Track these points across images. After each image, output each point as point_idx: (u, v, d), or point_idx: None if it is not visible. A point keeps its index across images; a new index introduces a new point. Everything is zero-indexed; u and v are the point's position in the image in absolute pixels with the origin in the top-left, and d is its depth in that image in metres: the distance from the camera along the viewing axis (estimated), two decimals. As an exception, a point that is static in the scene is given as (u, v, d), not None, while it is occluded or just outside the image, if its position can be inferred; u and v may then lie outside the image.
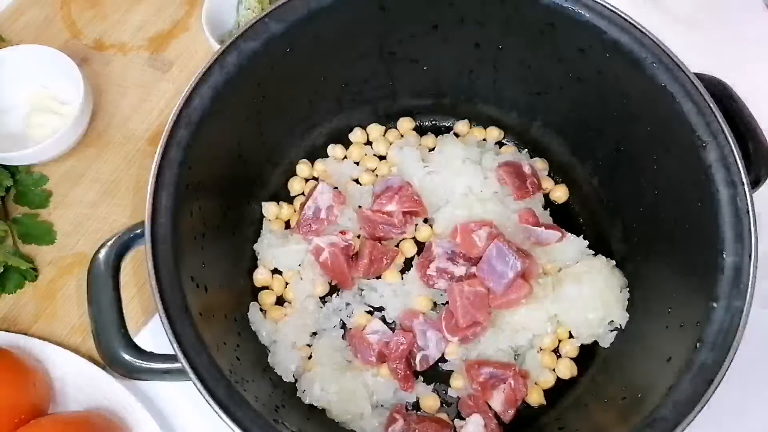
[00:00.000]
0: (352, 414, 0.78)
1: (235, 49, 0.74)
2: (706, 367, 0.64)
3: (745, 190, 0.67)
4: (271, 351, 0.81)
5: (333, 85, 0.88)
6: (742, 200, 0.67)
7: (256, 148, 0.85)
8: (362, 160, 0.93)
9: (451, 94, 0.93)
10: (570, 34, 0.77)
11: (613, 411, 0.72)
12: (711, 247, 0.67)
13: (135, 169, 0.95)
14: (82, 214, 0.92)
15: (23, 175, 0.93)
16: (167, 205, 0.68)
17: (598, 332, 0.82)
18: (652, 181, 0.78)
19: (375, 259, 0.84)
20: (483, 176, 0.88)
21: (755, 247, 0.66)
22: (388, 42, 0.84)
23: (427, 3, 0.80)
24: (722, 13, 1.05)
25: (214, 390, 0.63)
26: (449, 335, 0.81)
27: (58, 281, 0.89)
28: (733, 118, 0.71)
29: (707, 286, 0.67)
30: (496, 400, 0.78)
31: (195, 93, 0.72)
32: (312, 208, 0.85)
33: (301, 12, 0.76)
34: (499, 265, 0.79)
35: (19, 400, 0.74)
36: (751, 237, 0.66)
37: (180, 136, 0.70)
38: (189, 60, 1.02)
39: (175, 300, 0.65)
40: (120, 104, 0.99)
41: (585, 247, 0.86)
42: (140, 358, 0.66)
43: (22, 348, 0.81)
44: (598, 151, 0.86)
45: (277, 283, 0.86)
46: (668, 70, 0.71)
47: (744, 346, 0.64)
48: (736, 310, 0.65)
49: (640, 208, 0.81)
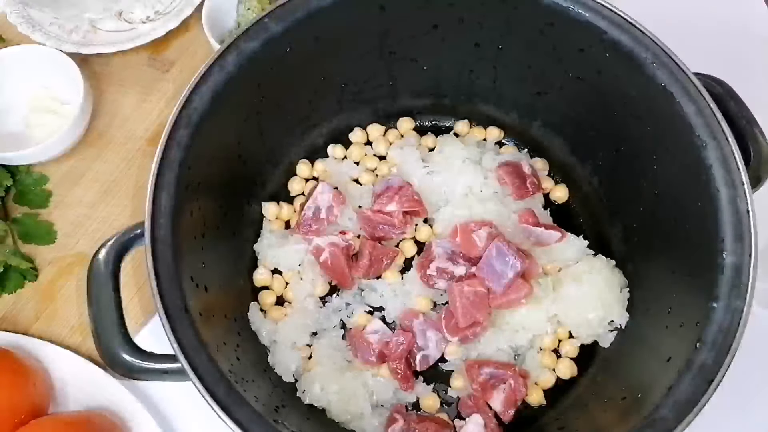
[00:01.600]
0: (352, 414, 0.78)
1: (235, 49, 0.74)
2: (706, 367, 0.64)
3: (745, 190, 0.67)
4: (271, 351, 0.81)
5: (333, 85, 0.88)
6: (742, 200, 0.67)
7: (256, 148, 0.85)
8: (362, 160, 0.93)
9: (451, 94, 0.93)
10: (570, 34, 0.77)
11: (613, 411, 0.72)
12: (711, 247, 0.67)
13: (135, 169, 0.95)
14: (82, 214, 0.92)
15: (23, 175, 0.93)
16: (167, 206, 0.68)
17: (598, 332, 0.82)
18: (652, 181, 0.78)
19: (375, 260, 0.84)
20: (483, 176, 0.88)
21: (755, 247, 0.66)
22: (388, 42, 0.84)
23: (427, 3, 0.80)
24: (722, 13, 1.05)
25: (214, 390, 0.63)
26: (449, 335, 0.81)
27: (58, 281, 0.89)
28: (733, 118, 0.71)
29: (707, 286, 0.67)
30: (496, 400, 0.78)
31: (195, 93, 0.72)
32: (312, 208, 0.85)
33: (301, 12, 0.76)
34: (499, 265, 0.79)
35: (19, 401, 0.74)
36: (751, 237, 0.66)
37: (180, 136, 0.70)
38: (189, 60, 1.02)
39: (175, 300, 0.65)
40: (120, 104, 0.99)
41: (585, 247, 0.86)
42: (140, 358, 0.66)
43: (22, 348, 0.81)
44: (598, 151, 0.87)
45: (277, 283, 0.86)
46: (668, 70, 0.71)
47: (744, 346, 0.64)
48: (736, 310, 0.65)
49: (640, 208, 0.81)
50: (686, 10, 1.04)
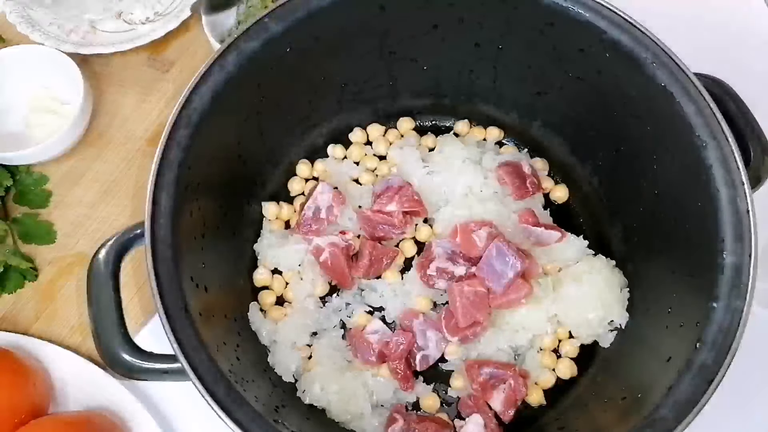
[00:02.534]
0: (352, 414, 0.78)
1: (235, 49, 0.74)
2: (706, 367, 0.64)
3: (745, 190, 0.67)
4: (271, 351, 0.81)
5: (333, 85, 0.88)
6: (742, 200, 0.67)
7: (256, 148, 0.85)
8: (362, 160, 0.93)
9: (451, 94, 0.93)
10: (570, 34, 0.76)
11: (613, 411, 0.72)
12: (711, 247, 0.67)
13: (135, 169, 0.95)
14: (82, 214, 0.92)
15: (23, 175, 0.93)
16: (167, 206, 0.68)
17: (598, 332, 0.82)
18: (652, 181, 0.78)
19: (375, 260, 0.84)
20: (483, 176, 0.88)
21: (755, 247, 0.66)
22: (388, 42, 0.84)
23: (427, 3, 0.80)
24: (722, 13, 1.05)
25: (214, 390, 0.63)
26: (449, 335, 0.81)
27: (58, 281, 0.89)
28: (733, 118, 0.71)
29: (707, 286, 0.67)
30: (496, 400, 0.78)
31: (195, 93, 0.72)
32: (312, 208, 0.85)
33: (301, 12, 0.76)
34: (499, 265, 0.79)
35: (19, 401, 0.74)
36: (751, 237, 0.66)
37: (180, 136, 0.70)
38: (189, 60, 1.02)
39: (174, 300, 0.65)
40: (120, 104, 0.99)
41: (585, 247, 0.86)
42: (140, 358, 0.66)
43: (22, 348, 0.81)
44: (598, 151, 0.87)
45: (277, 283, 0.86)
46: (668, 70, 0.71)
47: (744, 346, 0.64)
48: (736, 310, 0.65)
49: (640, 208, 0.81)
50: (686, 10, 1.04)
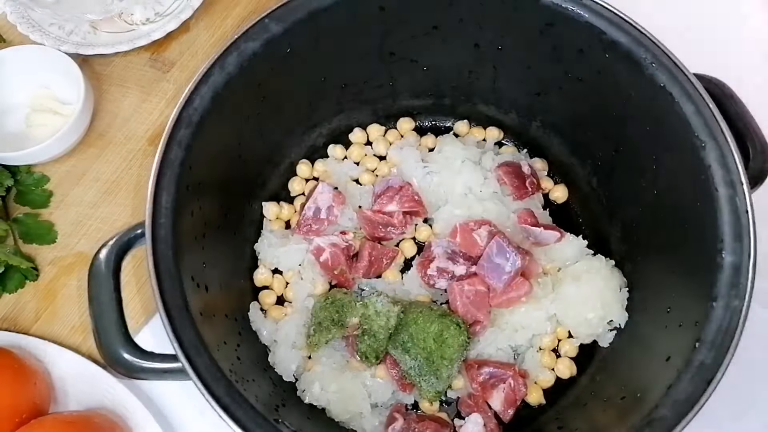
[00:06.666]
0: (351, 413, 0.78)
1: (235, 50, 0.74)
2: (705, 367, 0.64)
3: (744, 190, 0.67)
4: (272, 350, 0.81)
5: (333, 85, 0.88)
6: (741, 200, 0.67)
7: (257, 148, 0.85)
8: (362, 160, 0.93)
9: (450, 94, 0.93)
10: (570, 34, 0.77)
11: (612, 410, 0.72)
12: (710, 246, 0.68)
13: (135, 169, 0.95)
14: (82, 214, 0.92)
15: (24, 175, 0.93)
16: (168, 205, 0.68)
17: (597, 332, 0.82)
18: (652, 181, 0.78)
19: (375, 260, 0.84)
20: (482, 176, 0.88)
21: (754, 247, 0.66)
22: (388, 42, 0.84)
23: (427, 3, 0.80)
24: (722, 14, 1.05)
25: (215, 390, 0.63)
26: (449, 335, 0.81)
27: (58, 281, 0.89)
28: (732, 118, 0.71)
29: (706, 286, 0.67)
30: (496, 400, 0.78)
31: (195, 93, 0.72)
32: (312, 208, 0.85)
33: (301, 12, 0.76)
34: (500, 262, 0.79)
35: (19, 400, 0.74)
36: (750, 237, 0.66)
37: (180, 137, 0.70)
38: (189, 60, 1.02)
39: (175, 300, 0.65)
40: (120, 104, 0.99)
41: (584, 247, 0.86)
42: (140, 357, 0.66)
43: (23, 348, 0.81)
44: (598, 151, 0.87)
45: (277, 282, 0.86)
46: (667, 71, 0.72)
47: (743, 346, 0.64)
48: (735, 309, 0.65)
49: (639, 208, 0.81)
50: (686, 11, 1.04)
